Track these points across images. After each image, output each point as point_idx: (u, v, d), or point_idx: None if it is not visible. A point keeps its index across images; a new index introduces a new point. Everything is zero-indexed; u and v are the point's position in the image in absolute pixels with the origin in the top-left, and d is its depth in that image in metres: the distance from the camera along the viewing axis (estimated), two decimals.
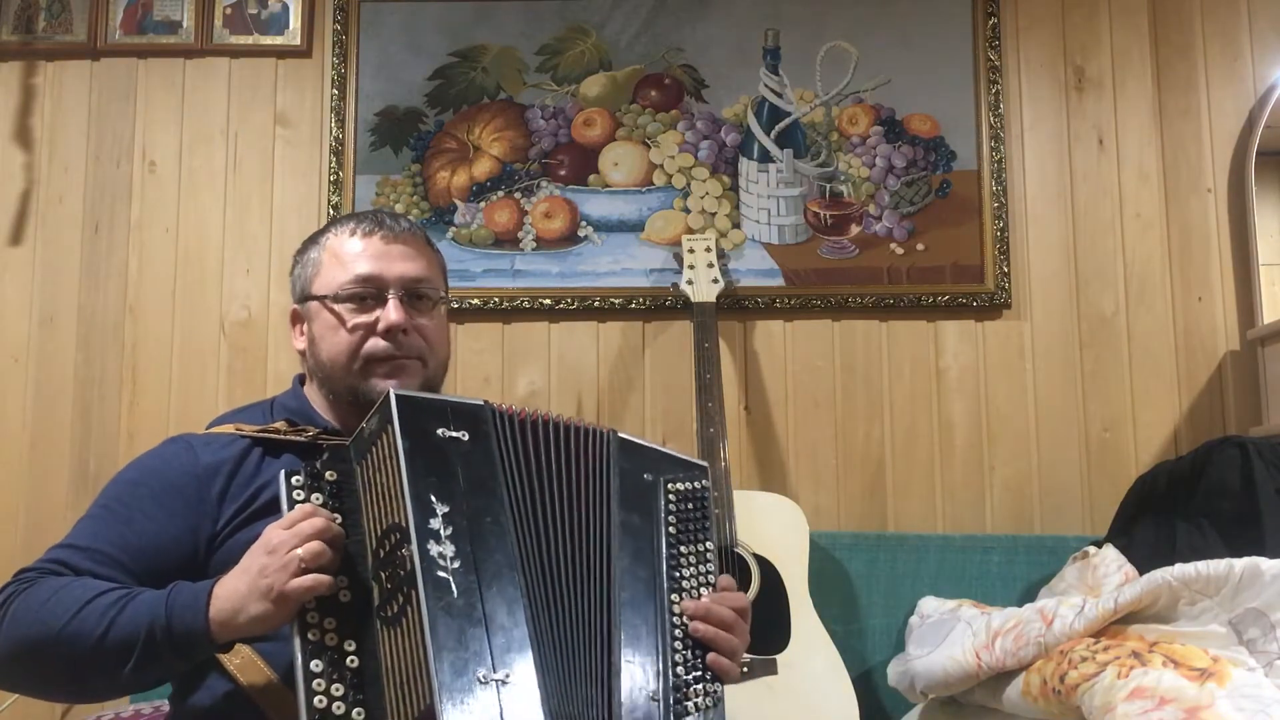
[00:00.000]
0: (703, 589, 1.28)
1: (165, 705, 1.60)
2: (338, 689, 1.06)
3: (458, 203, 2.52)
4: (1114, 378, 2.45)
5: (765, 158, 2.52)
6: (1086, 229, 2.50)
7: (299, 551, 1.08)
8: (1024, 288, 2.48)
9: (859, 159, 2.51)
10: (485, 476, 1.14)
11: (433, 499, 1.07)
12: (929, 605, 2.09)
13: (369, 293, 1.41)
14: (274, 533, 1.12)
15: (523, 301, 2.49)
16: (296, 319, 1.48)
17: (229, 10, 2.58)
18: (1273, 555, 1.63)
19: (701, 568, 1.29)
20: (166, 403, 2.44)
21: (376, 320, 1.39)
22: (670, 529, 1.28)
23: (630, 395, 2.46)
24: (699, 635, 1.24)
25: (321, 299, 1.42)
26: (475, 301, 2.48)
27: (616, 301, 2.48)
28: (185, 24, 2.57)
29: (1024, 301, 2.48)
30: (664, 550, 1.27)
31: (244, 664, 1.24)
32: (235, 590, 1.13)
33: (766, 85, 2.54)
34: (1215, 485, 1.98)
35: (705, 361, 2.21)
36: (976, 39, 2.54)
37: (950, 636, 1.88)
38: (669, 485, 1.31)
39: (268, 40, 2.57)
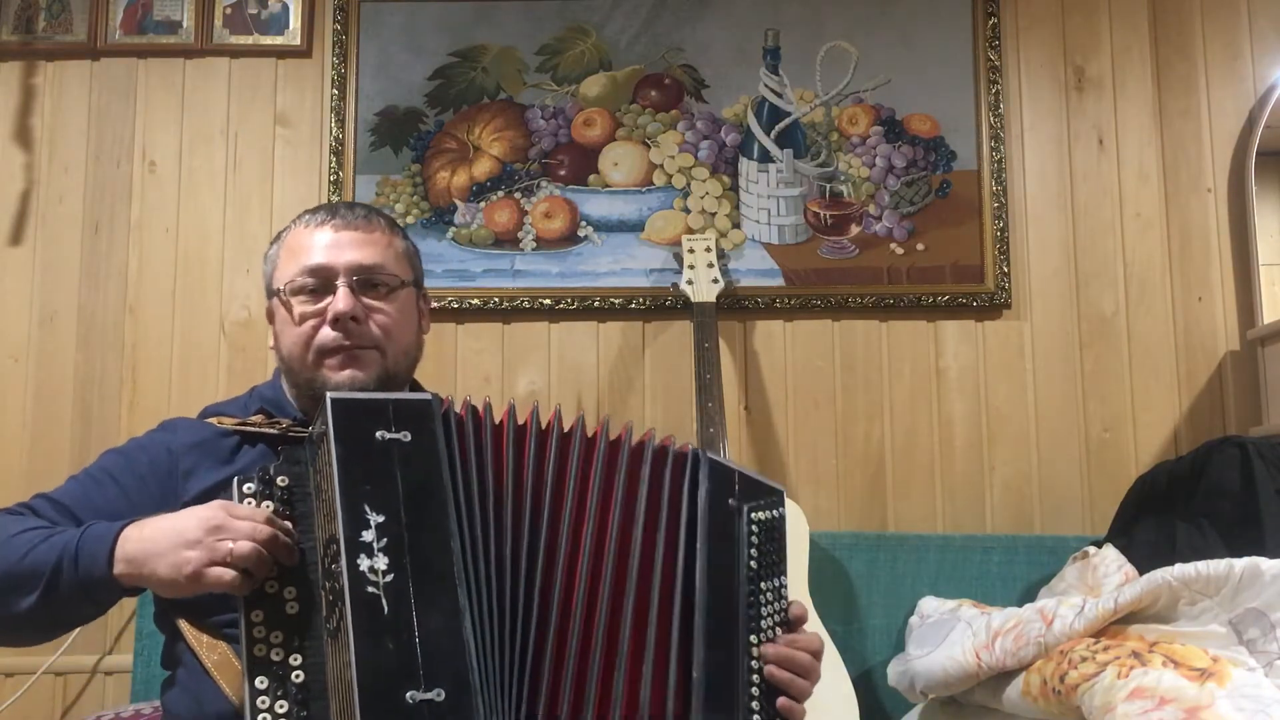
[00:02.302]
0: (778, 627, 1.22)
1: None
2: (282, 705, 1.04)
3: (458, 203, 2.52)
4: (1114, 378, 2.45)
5: (765, 158, 2.52)
6: (1086, 229, 2.50)
7: (232, 546, 1.07)
8: (1024, 288, 2.48)
9: (859, 159, 2.51)
10: (427, 479, 1.07)
11: (366, 509, 1.03)
12: (929, 605, 2.09)
13: (318, 283, 1.38)
14: (221, 514, 1.10)
15: (523, 301, 2.49)
16: (270, 316, 1.47)
17: (229, 10, 2.58)
18: (1273, 555, 1.63)
19: (778, 604, 1.23)
20: (166, 403, 2.44)
21: (327, 310, 1.37)
22: (751, 563, 1.21)
23: (630, 395, 2.46)
24: (774, 680, 1.19)
25: (277, 293, 1.41)
26: (475, 301, 2.48)
27: (616, 301, 2.48)
28: (185, 24, 2.57)
29: (1024, 301, 2.48)
30: (745, 587, 1.19)
31: (220, 661, 1.24)
32: (153, 543, 1.13)
33: (766, 85, 2.54)
34: (1215, 485, 1.98)
35: (705, 361, 2.21)
36: (976, 39, 2.54)
37: (950, 636, 1.88)
38: (752, 515, 1.22)
39: (268, 40, 2.57)
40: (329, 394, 1.09)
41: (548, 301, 2.48)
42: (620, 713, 1.11)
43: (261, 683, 1.04)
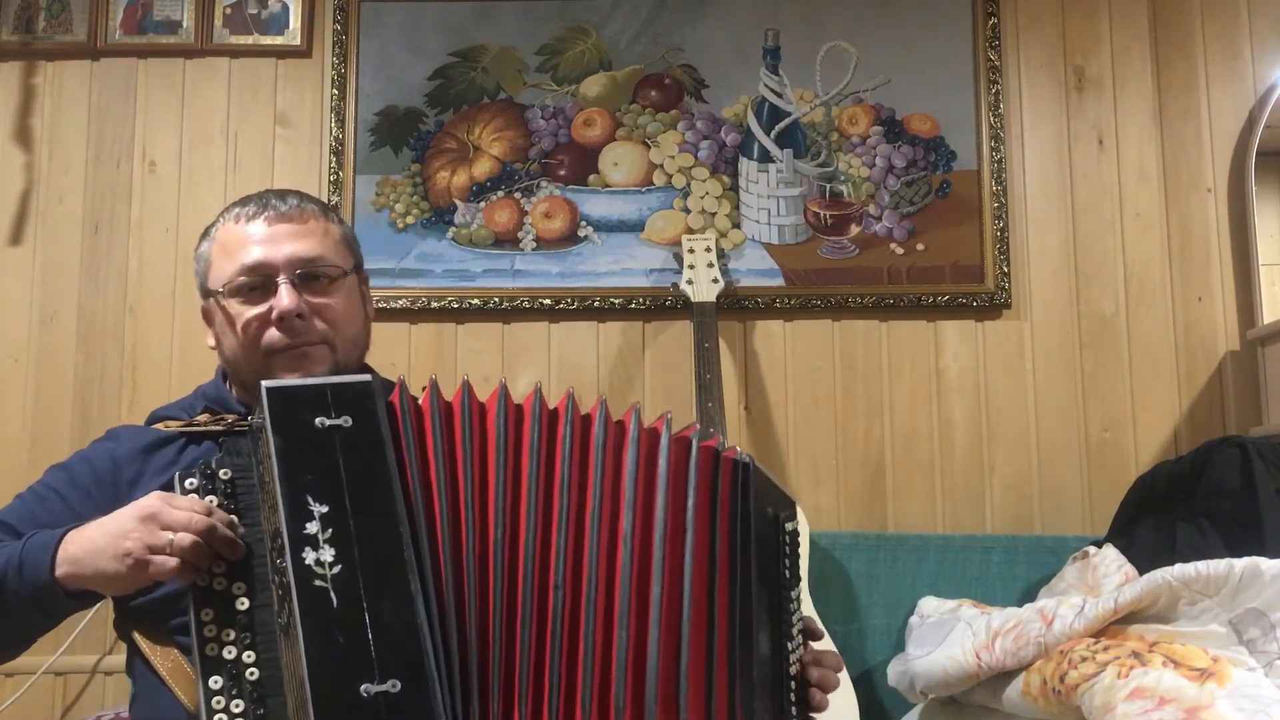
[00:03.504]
0: (799, 634, 1.25)
1: None
2: (238, 705, 1.02)
3: (458, 203, 2.52)
4: (1114, 378, 2.45)
5: (765, 158, 2.52)
6: (1086, 229, 2.50)
7: (172, 536, 1.04)
8: (1024, 288, 2.48)
9: (859, 159, 2.51)
10: (372, 465, 1.03)
11: (309, 500, 0.99)
12: (929, 605, 2.09)
13: (257, 281, 1.33)
14: (156, 503, 1.07)
15: (523, 301, 2.49)
16: (208, 317, 1.41)
17: (229, 10, 2.58)
18: (1273, 555, 1.63)
19: (799, 613, 1.25)
20: (166, 403, 2.44)
21: (270, 310, 1.32)
22: (785, 571, 1.22)
23: (630, 395, 2.46)
24: (814, 700, 1.23)
25: (215, 294, 1.36)
26: (475, 301, 2.48)
27: (616, 301, 2.48)
28: (185, 24, 2.57)
29: (1024, 301, 2.48)
30: (781, 593, 1.21)
31: (173, 668, 1.23)
32: (92, 542, 1.11)
33: (766, 85, 2.54)
34: (1215, 485, 1.98)
35: (705, 361, 2.21)
36: (976, 39, 2.54)
37: (950, 636, 1.88)
38: (785, 525, 1.23)
39: (268, 40, 2.57)
40: (264, 383, 1.05)
41: (548, 301, 2.48)
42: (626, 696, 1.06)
43: (216, 682, 1.02)
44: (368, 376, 1.08)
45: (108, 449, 1.38)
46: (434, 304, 2.48)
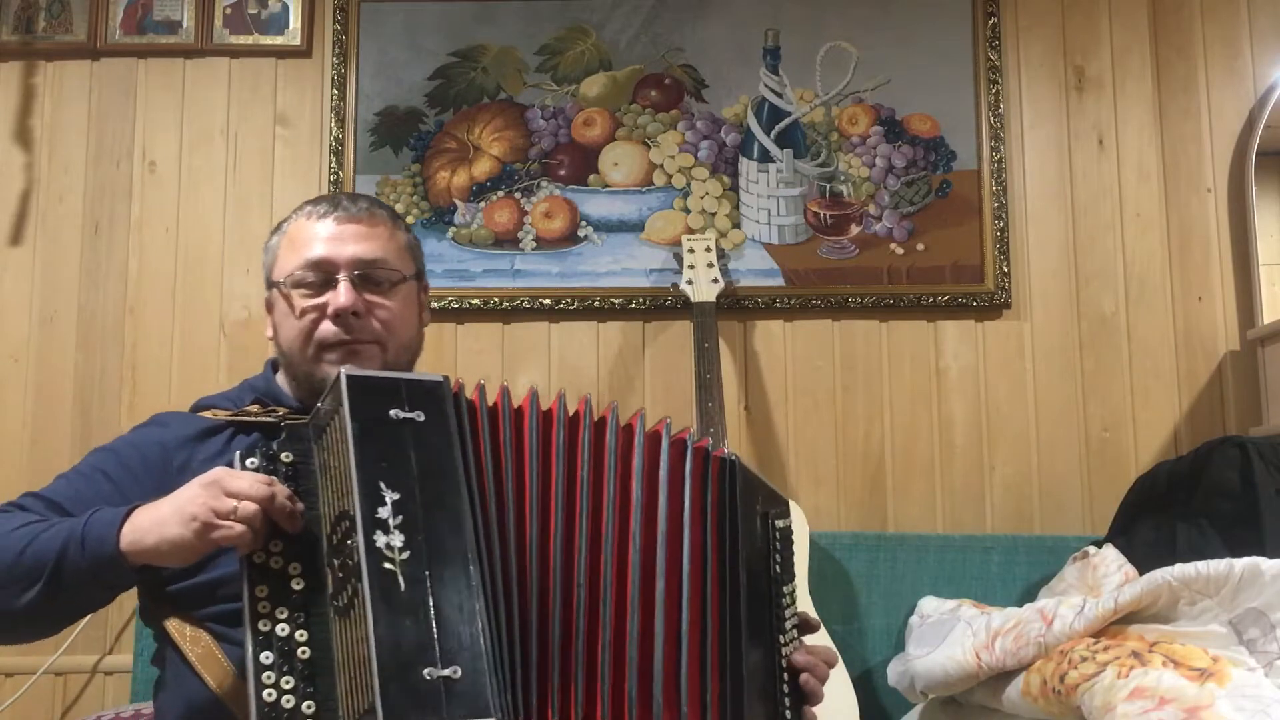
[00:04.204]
0: (794, 629, 1.28)
1: None
2: (288, 681, 1.04)
3: (458, 203, 2.52)
4: (1114, 378, 2.45)
5: (765, 158, 2.52)
6: (1086, 229, 2.50)
7: (235, 503, 1.06)
8: (1024, 288, 2.48)
9: (859, 159, 2.51)
10: (441, 459, 1.07)
11: (382, 486, 1.02)
12: (929, 605, 2.09)
13: (319, 277, 1.37)
14: (220, 473, 1.10)
15: (523, 301, 2.49)
16: (269, 307, 1.45)
17: (229, 10, 2.58)
18: (1273, 555, 1.63)
19: (793, 607, 1.28)
20: (166, 403, 2.44)
21: (328, 304, 1.36)
22: (776, 567, 1.26)
23: (630, 395, 2.46)
24: (806, 686, 1.25)
25: (278, 285, 1.40)
26: (475, 301, 2.48)
27: (616, 301, 2.48)
28: (185, 24, 2.57)
29: (1024, 301, 2.48)
30: (773, 588, 1.25)
31: (204, 654, 1.24)
32: (158, 511, 1.13)
33: (766, 85, 2.54)
34: (1215, 485, 1.98)
35: (705, 361, 2.21)
36: (976, 39, 2.54)
37: (950, 636, 1.88)
38: (775, 522, 1.28)
39: (268, 40, 2.57)
40: (344, 370, 1.08)
41: (548, 301, 2.48)
42: (636, 692, 1.11)
43: (267, 658, 1.04)
44: (439, 377, 1.12)
45: (155, 434, 1.39)
46: (434, 304, 2.47)
